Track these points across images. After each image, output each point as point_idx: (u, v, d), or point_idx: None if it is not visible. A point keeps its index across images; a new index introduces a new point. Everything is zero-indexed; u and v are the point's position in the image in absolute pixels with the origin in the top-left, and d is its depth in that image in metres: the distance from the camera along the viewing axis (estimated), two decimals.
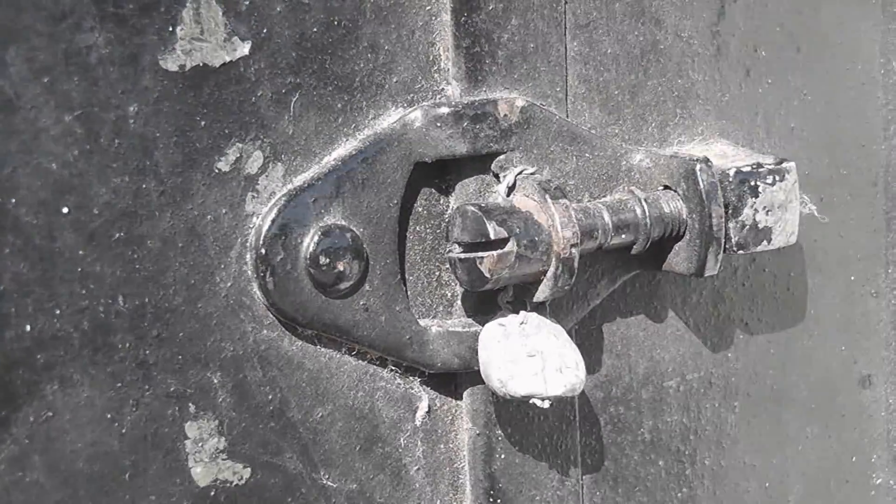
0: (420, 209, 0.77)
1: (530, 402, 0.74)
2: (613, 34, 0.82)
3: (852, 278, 0.97)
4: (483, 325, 0.77)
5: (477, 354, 0.76)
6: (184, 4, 0.67)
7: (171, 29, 0.67)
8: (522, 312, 0.76)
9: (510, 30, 0.77)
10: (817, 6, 0.92)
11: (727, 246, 0.81)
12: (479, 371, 0.77)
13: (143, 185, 0.68)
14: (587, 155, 0.79)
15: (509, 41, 0.77)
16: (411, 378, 0.78)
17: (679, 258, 0.81)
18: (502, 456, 0.80)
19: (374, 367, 0.76)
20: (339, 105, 0.73)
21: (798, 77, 0.92)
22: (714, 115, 0.88)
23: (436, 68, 0.76)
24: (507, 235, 0.71)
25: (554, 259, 0.72)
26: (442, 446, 0.79)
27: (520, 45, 0.77)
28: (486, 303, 0.78)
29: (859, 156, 0.96)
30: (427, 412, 0.79)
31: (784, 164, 0.82)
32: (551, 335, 0.75)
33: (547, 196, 0.73)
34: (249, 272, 0.71)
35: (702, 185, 0.79)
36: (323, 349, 0.74)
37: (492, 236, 0.71)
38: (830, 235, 0.95)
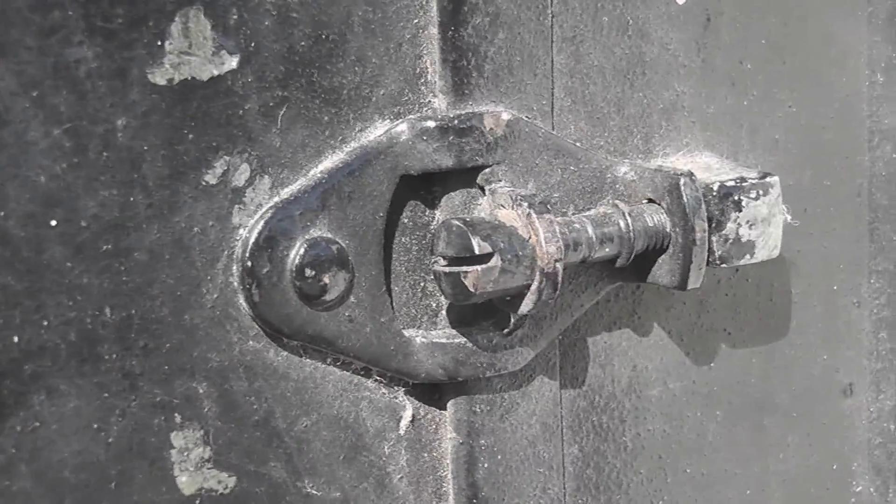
0: (406, 221, 0.77)
1: None
2: (600, 47, 0.83)
3: (835, 288, 0.98)
4: (467, 337, 0.77)
5: (460, 365, 0.77)
6: (172, 19, 0.68)
7: (159, 43, 0.68)
8: None
9: (497, 43, 0.77)
10: (803, 19, 0.93)
11: (710, 259, 0.81)
12: (462, 381, 0.78)
13: (131, 198, 0.68)
14: (572, 168, 0.80)
15: (496, 55, 0.77)
16: (396, 388, 0.78)
17: (662, 271, 0.81)
18: (485, 465, 0.80)
19: (359, 377, 0.77)
20: (326, 118, 0.74)
21: (783, 89, 0.92)
22: (699, 127, 0.88)
23: (423, 81, 0.76)
24: (491, 250, 0.72)
25: (538, 273, 0.73)
26: (426, 455, 0.80)
27: (506, 59, 0.78)
28: (470, 314, 0.79)
29: (843, 167, 0.97)
30: (411, 421, 0.79)
31: (768, 179, 0.83)
32: None
33: (531, 211, 0.74)
34: (236, 284, 0.72)
35: (685, 199, 0.79)
36: (308, 360, 0.75)
37: (476, 251, 0.72)
38: (813, 246, 0.96)
